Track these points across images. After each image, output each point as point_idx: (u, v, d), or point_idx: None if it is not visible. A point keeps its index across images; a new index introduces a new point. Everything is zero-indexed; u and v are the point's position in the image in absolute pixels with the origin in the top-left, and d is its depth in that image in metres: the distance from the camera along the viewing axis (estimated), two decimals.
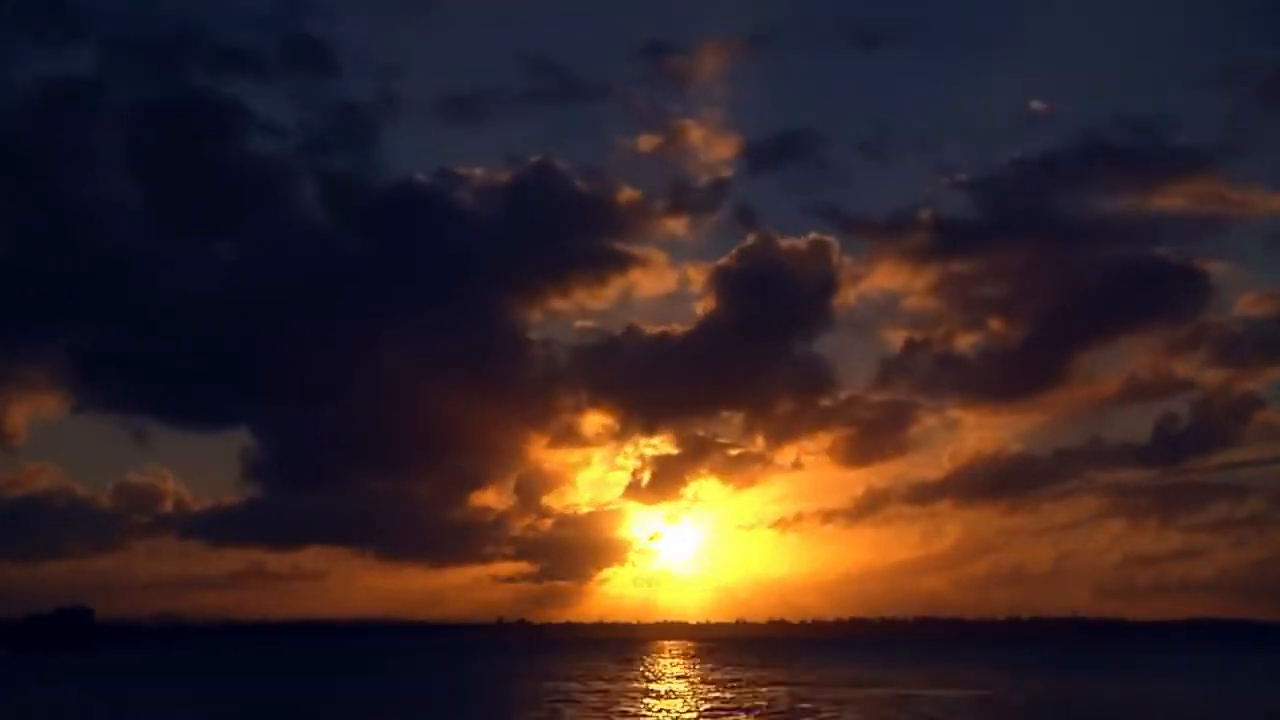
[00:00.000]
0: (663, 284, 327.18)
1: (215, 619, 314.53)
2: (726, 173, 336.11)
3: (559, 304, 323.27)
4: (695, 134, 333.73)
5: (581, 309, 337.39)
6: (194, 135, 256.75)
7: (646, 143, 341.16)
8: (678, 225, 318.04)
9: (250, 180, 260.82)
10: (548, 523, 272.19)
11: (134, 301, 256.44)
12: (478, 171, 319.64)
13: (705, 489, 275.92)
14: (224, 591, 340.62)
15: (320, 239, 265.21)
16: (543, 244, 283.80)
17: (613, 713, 63.38)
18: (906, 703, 68.88)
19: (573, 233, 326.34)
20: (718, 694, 77.65)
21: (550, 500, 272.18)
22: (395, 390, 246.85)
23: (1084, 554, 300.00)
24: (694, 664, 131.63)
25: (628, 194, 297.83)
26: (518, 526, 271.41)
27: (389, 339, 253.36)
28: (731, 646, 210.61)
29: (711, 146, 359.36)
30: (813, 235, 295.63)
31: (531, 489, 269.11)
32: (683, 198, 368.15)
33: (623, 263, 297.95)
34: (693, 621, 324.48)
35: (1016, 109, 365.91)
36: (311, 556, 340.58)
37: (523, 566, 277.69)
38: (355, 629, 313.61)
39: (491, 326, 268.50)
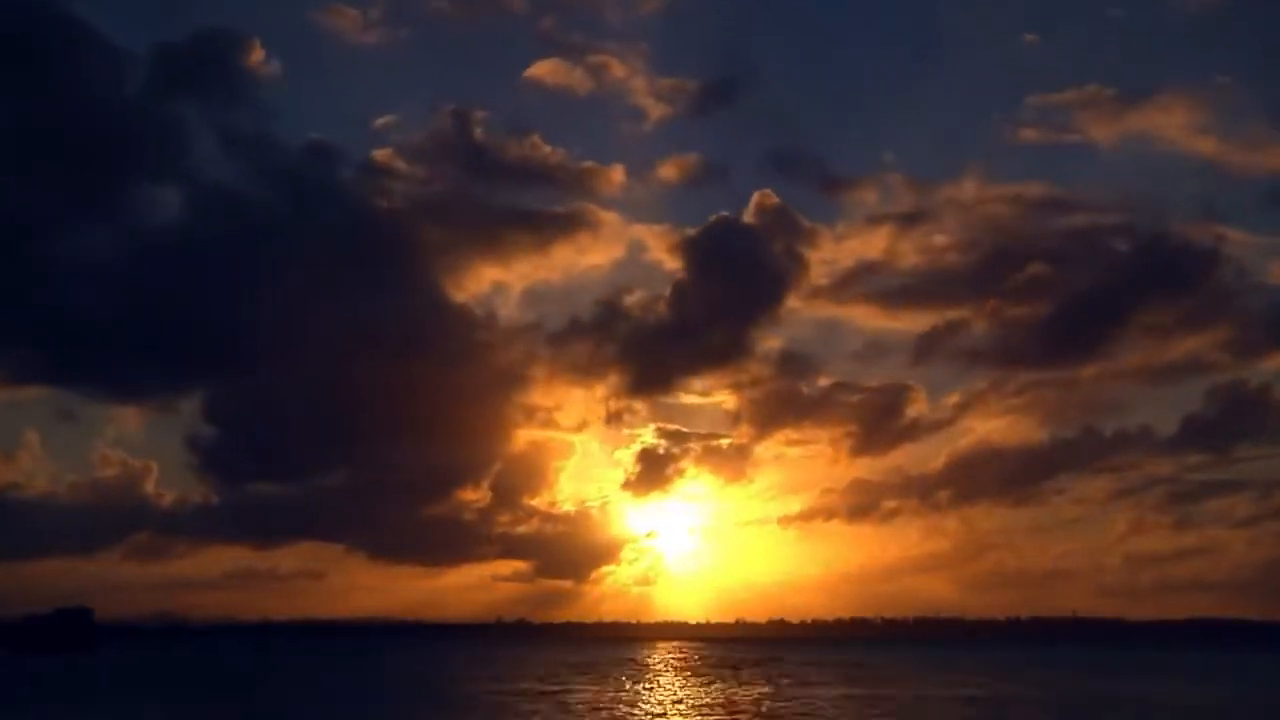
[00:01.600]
0: (612, 251, 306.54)
1: (213, 619, 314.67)
2: (664, 119, 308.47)
3: (504, 276, 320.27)
4: (618, 70, 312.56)
5: (530, 280, 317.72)
6: (40, 65, 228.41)
7: (559, 74, 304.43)
8: (616, 181, 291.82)
9: (127, 124, 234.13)
10: (540, 521, 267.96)
11: (28, 268, 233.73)
12: (388, 119, 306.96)
13: (699, 484, 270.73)
14: (220, 591, 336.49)
15: (224, 199, 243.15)
16: (478, 209, 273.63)
17: None
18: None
19: (513, 195, 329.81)
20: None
21: (540, 498, 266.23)
22: (343, 370, 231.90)
23: (1090, 551, 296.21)
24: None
25: (555, 149, 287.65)
26: (510, 524, 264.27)
27: (327, 313, 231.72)
28: (732, 650, 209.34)
29: (644, 88, 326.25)
30: (780, 201, 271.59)
31: (514, 484, 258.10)
32: (619, 151, 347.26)
33: (565, 225, 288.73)
34: (693, 621, 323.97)
35: (1007, 44, 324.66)
36: (301, 554, 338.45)
37: (519, 566, 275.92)
38: (354, 629, 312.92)
39: (437, 299, 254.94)
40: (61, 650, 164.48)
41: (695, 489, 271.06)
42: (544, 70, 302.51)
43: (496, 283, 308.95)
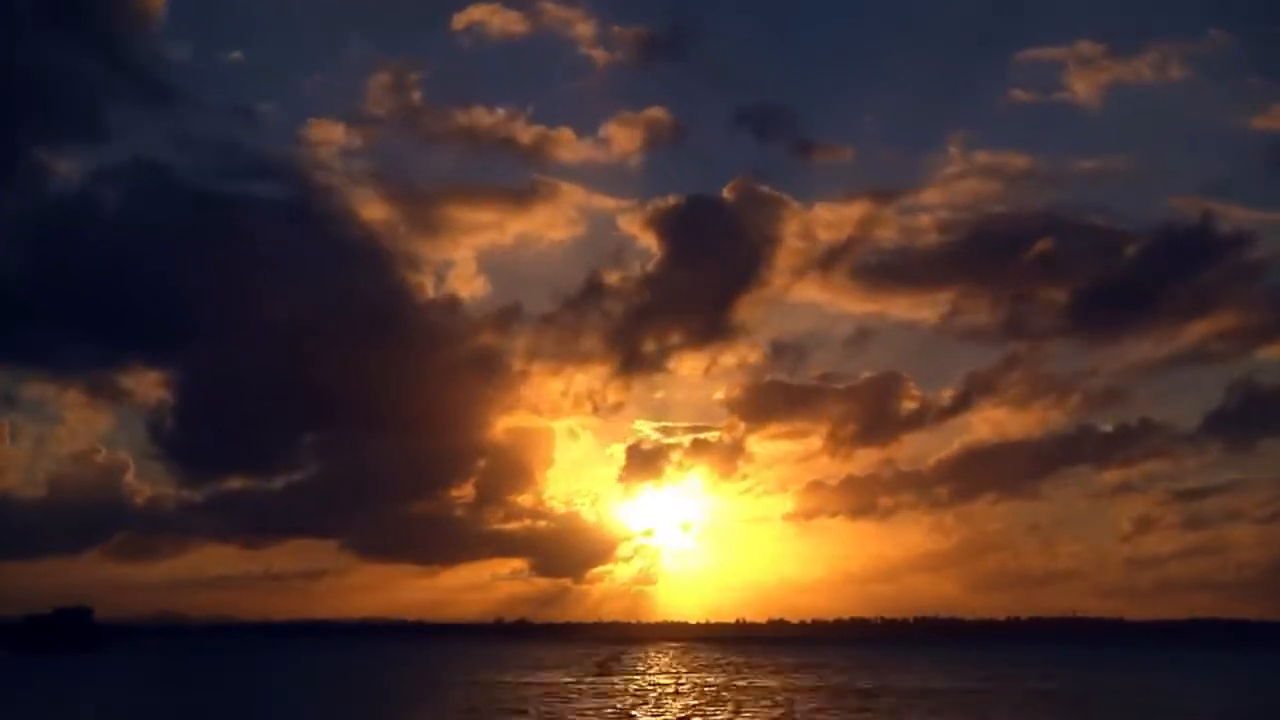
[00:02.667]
0: (574, 228, 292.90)
1: (213, 619, 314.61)
2: (612, 68, 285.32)
3: (459, 253, 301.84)
4: (560, 13, 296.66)
5: (490, 258, 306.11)
6: None
7: (496, 20, 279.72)
8: (570, 146, 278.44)
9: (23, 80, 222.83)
10: (533, 519, 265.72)
11: None
12: (317, 79, 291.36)
13: (692, 478, 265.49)
14: (219, 591, 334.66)
15: (144, 167, 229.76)
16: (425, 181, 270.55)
17: None
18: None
19: (461, 165, 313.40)
20: None
21: (530, 494, 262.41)
22: (302, 357, 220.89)
23: (1092, 549, 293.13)
24: None
25: (504, 112, 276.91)
26: (503, 520, 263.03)
27: (284, 298, 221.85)
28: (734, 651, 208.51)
29: (589, 36, 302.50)
30: (756, 178, 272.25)
31: (502, 479, 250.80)
32: (565, 107, 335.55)
33: (522, 197, 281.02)
34: (693, 621, 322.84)
35: None
36: (293, 552, 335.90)
37: (516, 564, 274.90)
38: (355, 630, 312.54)
39: (396, 283, 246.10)
40: (61, 650, 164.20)
41: (689, 484, 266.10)
42: (479, 15, 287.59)
43: (453, 260, 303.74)
